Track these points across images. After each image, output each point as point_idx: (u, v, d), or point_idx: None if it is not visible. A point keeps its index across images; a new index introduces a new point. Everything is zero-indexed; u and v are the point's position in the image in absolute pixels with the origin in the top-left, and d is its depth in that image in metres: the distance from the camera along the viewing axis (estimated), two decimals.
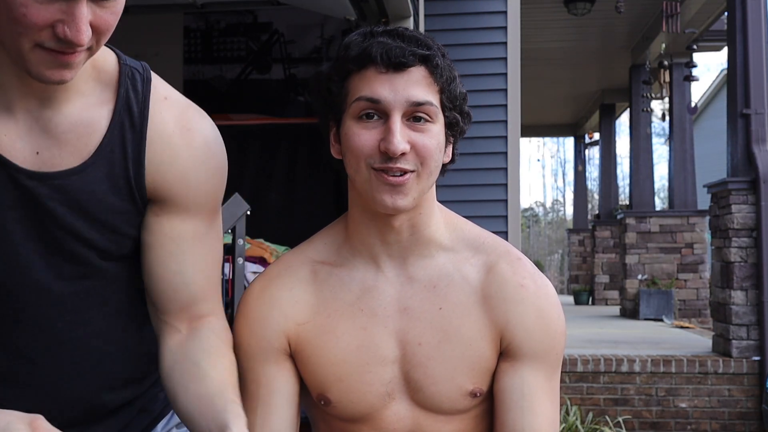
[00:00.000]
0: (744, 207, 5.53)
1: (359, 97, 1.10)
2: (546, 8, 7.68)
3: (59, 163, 1.00)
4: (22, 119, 0.99)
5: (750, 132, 5.61)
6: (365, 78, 1.10)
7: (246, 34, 4.98)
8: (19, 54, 0.92)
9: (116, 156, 1.03)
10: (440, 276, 1.18)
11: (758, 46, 5.67)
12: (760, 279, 5.45)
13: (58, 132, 1.00)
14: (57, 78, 0.94)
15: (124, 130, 1.04)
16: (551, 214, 29.18)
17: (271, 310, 1.19)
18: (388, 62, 1.08)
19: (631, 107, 9.59)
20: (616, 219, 9.84)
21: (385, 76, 1.09)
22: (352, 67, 1.11)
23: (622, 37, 8.84)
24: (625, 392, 5.54)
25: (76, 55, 0.93)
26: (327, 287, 1.19)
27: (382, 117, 1.10)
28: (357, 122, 1.11)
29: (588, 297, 11.36)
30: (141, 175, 1.05)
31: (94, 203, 1.02)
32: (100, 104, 1.03)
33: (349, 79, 1.12)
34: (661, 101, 10.04)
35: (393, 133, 1.08)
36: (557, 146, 28.92)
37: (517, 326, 1.16)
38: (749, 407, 5.47)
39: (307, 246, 1.25)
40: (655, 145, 19.32)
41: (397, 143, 1.07)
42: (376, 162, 1.10)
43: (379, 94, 1.09)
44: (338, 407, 1.18)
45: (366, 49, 1.10)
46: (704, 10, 7.43)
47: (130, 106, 1.04)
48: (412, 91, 1.09)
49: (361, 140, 1.10)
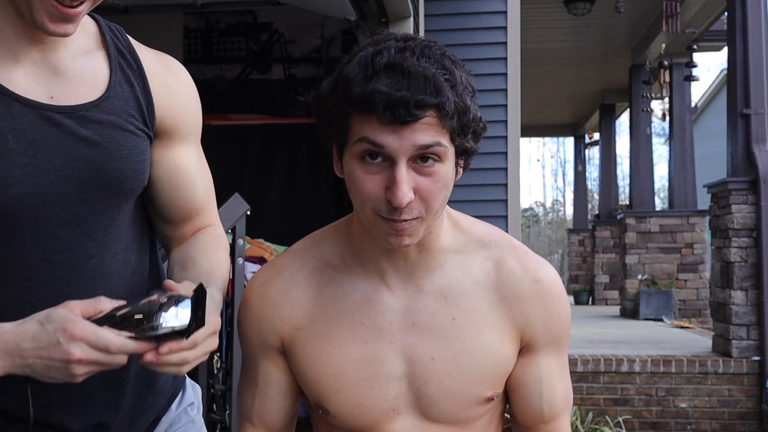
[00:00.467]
0: (744, 207, 5.53)
1: (362, 138, 1.02)
2: (546, 8, 7.68)
3: (76, 101, 1.09)
4: (30, 69, 1.07)
5: (750, 132, 5.61)
6: (369, 123, 1.01)
7: (246, 34, 4.98)
8: (29, 4, 1.00)
9: (126, 91, 1.14)
10: (450, 285, 1.15)
11: (758, 46, 5.68)
12: (760, 279, 5.45)
13: (67, 76, 1.10)
14: (61, 31, 1.03)
15: (124, 69, 1.15)
16: (551, 214, 29.19)
17: (269, 309, 1.18)
18: (392, 118, 0.99)
19: (631, 107, 9.59)
20: (616, 219, 9.84)
21: (390, 127, 1.00)
22: (351, 111, 1.02)
23: (622, 37, 8.84)
24: (625, 392, 5.54)
25: (80, 6, 1.02)
26: (327, 293, 1.16)
27: (386, 160, 1.02)
28: (360, 163, 1.04)
29: (588, 297, 11.36)
30: (151, 104, 1.17)
31: (120, 127, 1.12)
32: (93, 51, 1.13)
33: (349, 117, 1.04)
34: (661, 101, 10.04)
35: (398, 185, 1.01)
36: (557, 146, 28.92)
37: (537, 322, 1.16)
38: (749, 407, 5.47)
39: (312, 244, 1.21)
40: (655, 145, 19.32)
41: (402, 196, 1.01)
42: (383, 212, 1.04)
43: (383, 140, 1.00)
44: (337, 418, 1.16)
45: (367, 96, 0.99)
46: (704, 10, 7.43)
47: (121, 51, 1.16)
48: (419, 136, 1.00)
49: (366, 187, 1.03)
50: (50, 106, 1.07)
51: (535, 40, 8.32)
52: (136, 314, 0.97)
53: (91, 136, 1.10)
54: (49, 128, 1.07)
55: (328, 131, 1.09)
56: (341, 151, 1.08)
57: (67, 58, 1.10)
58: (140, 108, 1.15)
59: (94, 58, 1.13)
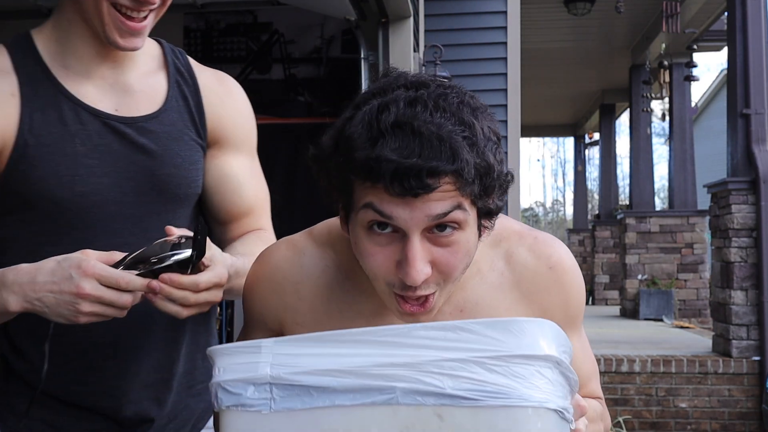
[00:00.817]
0: (744, 207, 5.53)
1: (367, 204, 0.90)
2: (546, 8, 7.69)
3: (137, 113, 1.23)
4: (99, 83, 1.22)
5: (750, 132, 5.61)
6: (375, 191, 0.89)
7: (246, 34, 4.97)
8: (98, 16, 1.14)
9: (181, 105, 1.27)
10: (466, 297, 1.07)
11: (758, 46, 5.68)
12: (760, 279, 5.45)
13: (131, 90, 1.24)
14: (130, 45, 1.17)
15: (180, 86, 1.28)
16: (551, 214, 29.19)
17: (272, 295, 1.11)
18: (401, 190, 0.87)
19: (631, 107, 9.59)
20: (616, 219, 9.84)
21: (400, 198, 0.88)
22: (355, 178, 0.90)
23: (622, 37, 8.84)
24: (625, 392, 5.54)
25: (144, 21, 1.16)
26: (336, 298, 1.09)
27: (397, 231, 0.91)
28: (367, 234, 0.93)
29: (588, 297, 11.37)
30: (203, 116, 1.29)
31: (173, 140, 1.25)
32: (155, 71, 1.28)
33: (352, 183, 0.92)
34: (661, 101, 10.04)
35: (411, 263, 0.90)
36: (557, 146, 28.93)
37: (555, 309, 1.11)
38: (749, 407, 5.47)
39: (333, 239, 1.10)
40: (655, 145, 19.31)
41: (416, 275, 0.90)
42: (396, 287, 0.94)
43: (392, 212, 0.89)
44: None
45: (372, 165, 0.87)
46: (704, 10, 7.43)
47: (179, 69, 1.30)
48: (434, 206, 0.89)
49: (376, 261, 0.93)
50: (114, 116, 1.21)
51: (535, 40, 8.32)
52: (146, 256, 1.05)
53: (148, 145, 1.22)
54: (112, 135, 1.20)
55: (330, 192, 0.98)
56: (347, 214, 0.97)
57: (132, 77, 1.24)
58: (194, 120, 1.28)
59: (156, 77, 1.27)
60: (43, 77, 1.19)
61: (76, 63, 1.21)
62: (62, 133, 1.17)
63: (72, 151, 1.17)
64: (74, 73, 1.20)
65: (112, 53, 1.21)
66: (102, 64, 1.22)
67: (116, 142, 1.20)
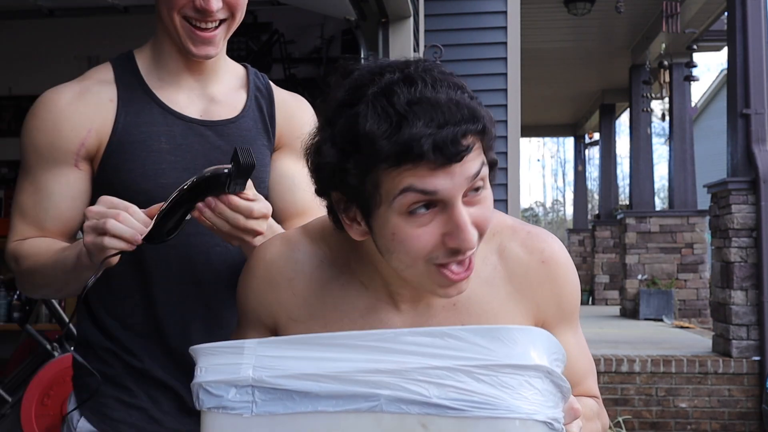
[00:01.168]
0: (744, 207, 5.53)
1: (408, 188, 0.90)
2: (546, 8, 7.69)
3: (218, 117, 1.39)
4: (187, 92, 1.39)
5: (750, 132, 5.61)
6: (410, 172, 0.90)
7: (246, 34, 4.97)
8: (174, 29, 1.31)
9: (257, 115, 1.43)
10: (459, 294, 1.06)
11: (758, 46, 5.68)
12: (760, 279, 5.45)
13: (215, 100, 1.41)
14: (203, 53, 1.33)
15: (258, 99, 1.45)
16: (551, 214, 29.19)
17: (267, 290, 1.12)
18: (443, 159, 0.89)
19: (631, 107, 9.60)
20: (616, 219, 9.84)
21: (441, 168, 0.90)
22: (389, 167, 0.90)
23: (622, 37, 8.84)
24: (625, 392, 5.54)
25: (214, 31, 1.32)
26: (331, 294, 1.09)
27: (438, 205, 0.92)
28: (406, 219, 0.92)
29: (588, 297, 11.36)
30: (274, 126, 1.45)
31: (247, 143, 1.38)
32: (238, 88, 1.45)
33: (380, 175, 0.91)
34: (661, 101, 10.04)
35: (464, 229, 0.92)
36: (557, 146, 28.91)
37: (548, 304, 1.11)
38: (749, 407, 5.47)
39: (321, 234, 1.12)
40: (655, 145, 19.31)
41: (472, 238, 0.93)
42: (440, 258, 0.95)
43: (435, 185, 0.90)
44: None
45: (409, 145, 0.88)
46: (704, 10, 7.43)
47: (259, 87, 1.47)
48: (468, 168, 0.92)
49: (420, 242, 0.93)
50: (197, 120, 1.38)
51: (535, 40, 8.32)
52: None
53: (225, 146, 1.37)
54: (193, 137, 1.36)
55: (340, 203, 0.99)
56: (368, 213, 0.96)
57: (216, 89, 1.41)
58: (266, 129, 1.44)
59: (238, 92, 1.44)
60: (138, 87, 1.37)
61: (167, 76, 1.38)
62: (150, 132, 1.34)
63: (157, 148, 1.33)
64: (167, 84, 1.38)
65: (198, 67, 1.38)
66: (190, 76, 1.39)
67: (197, 142, 1.36)
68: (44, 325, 4.06)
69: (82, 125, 1.32)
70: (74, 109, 1.33)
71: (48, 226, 1.34)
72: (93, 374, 1.32)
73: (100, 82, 1.37)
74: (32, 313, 4.18)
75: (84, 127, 1.32)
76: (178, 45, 1.34)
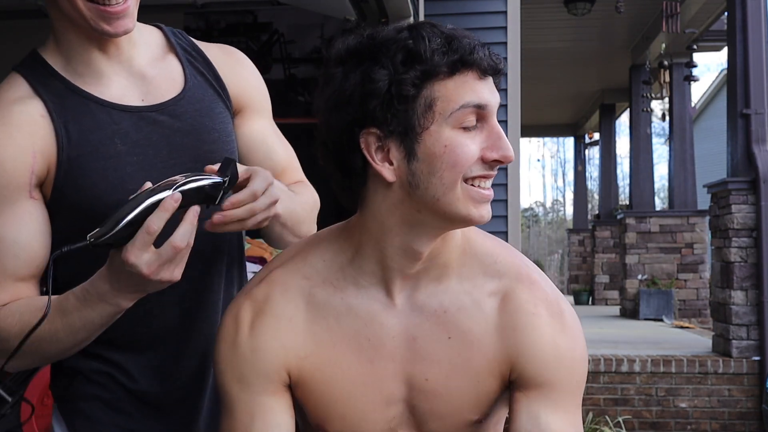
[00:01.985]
0: (744, 207, 5.53)
1: (466, 104, 1.00)
2: (546, 8, 7.69)
3: (163, 99, 1.24)
4: (116, 81, 1.22)
5: (750, 132, 5.61)
6: (465, 83, 1.01)
7: (246, 34, 4.97)
8: (79, 16, 1.14)
9: (200, 81, 1.29)
10: (451, 301, 1.09)
11: (758, 46, 5.68)
12: (760, 279, 5.45)
13: (148, 78, 1.25)
14: (121, 29, 1.16)
15: (192, 62, 1.30)
16: (551, 214, 29.19)
17: (270, 341, 1.08)
18: (492, 69, 1.03)
19: (631, 107, 9.60)
20: (616, 219, 9.84)
21: (484, 81, 1.02)
22: (445, 71, 1.00)
23: (622, 37, 8.84)
24: (625, 392, 5.54)
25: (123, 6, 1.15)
26: (330, 313, 1.08)
27: (480, 121, 1.03)
28: (460, 133, 1.01)
29: (588, 297, 11.37)
30: (224, 87, 1.31)
31: (205, 113, 1.27)
32: (164, 56, 1.28)
33: (432, 85, 1.00)
34: (661, 101, 10.04)
35: (503, 138, 1.02)
36: (557, 146, 28.90)
37: (530, 357, 1.08)
38: (749, 407, 5.47)
39: (302, 263, 1.11)
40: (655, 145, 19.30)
41: (510, 147, 1.03)
42: (475, 170, 1.02)
43: (486, 99, 1.02)
44: None
45: (464, 54, 1.00)
46: (704, 10, 7.43)
47: (186, 49, 1.31)
48: (496, 93, 1.05)
49: (469, 150, 1.01)
50: (143, 107, 1.22)
51: (535, 40, 8.32)
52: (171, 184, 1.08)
53: (184, 127, 1.24)
54: (147, 127, 1.22)
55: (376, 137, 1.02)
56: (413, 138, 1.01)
57: (145, 65, 1.25)
58: (217, 92, 1.30)
59: (167, 60, 1.28)
60: (64, 89, 1.20)
61: (84, 68, 1.21)
62: (100, 138, 1.19)
63: (114, 152, 1.19)
64: (89, 77, 1.21)
65: (113, 47, 1.21)
66: (108, 60, 1.22)
67: (154, 132, 1.22)
68: None
69: (24, 150, 1.14)
70: (6, 137, 1.14)
71: (23, 273, 1.16)
72: (90, 399, 1.24)
73: (19, 100, 1.18)
74: None
75: (26, 152, 1.14)
76: (87, 31, 1.18)
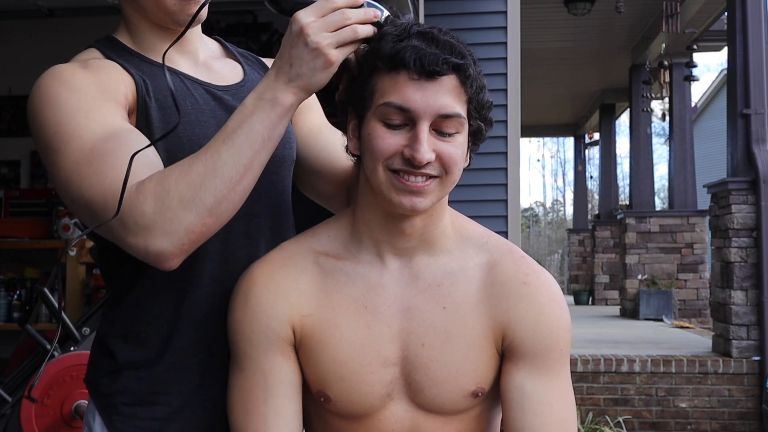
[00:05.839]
0: (744, 207, 5.53)
1: (388, 102, 1.06)
2: (546, 8, 7.69)
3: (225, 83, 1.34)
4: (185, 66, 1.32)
5: (750, 132, 5.61)
6: (396, 82, 1.06)
7: (246, 34, 4.97)
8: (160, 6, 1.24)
9: (258, 76, 1.39)
10: (444, 274, 1.17)
11: (758, 46, 5.68)
12: (760, 279, 5.45)
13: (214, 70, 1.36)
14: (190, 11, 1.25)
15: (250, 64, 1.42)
16: (551, 214, 29.19)
17: (277, 299, 1.16)
18: (420, 69, 1.04)
19: (631, 107, 9.60)
20: (616, 219, 9.84)
21: (417, 83, 1.05)
22: (382, 66, 1.07)
23: (622, 37, 8.84)
24: (625, 392, 5.54)
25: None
26: (332, 280, 1.17)
27: (409, 124, 1.07)
28: (382, 126, 1.08)
29: (588, 297, 11.37)
30: None
31: None
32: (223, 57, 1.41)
33: (377, 76, 1.08)
34: (661, 101, 10.05)
35: (420, 141, 1.05)
36: (557, 146, 28.93)
37: (519, 324, 1.14)
38: (749, 407, 5.47)
39: (310, 237, 1.22)
40: (655, 145, 19.32)
41: (423, 152, 1.05)
42: (396, 164, 1.07)
43: (410, 102, 1.05)
44: (338, 405, 1.17)
45: (399, 52, 1.05)
46: (704, 10, 7.43)
47: (242, 54, 1.44)
48: (441, 100, 1.06)
49: (384, 143, 1.07)
50: (213, 84, 1.32)
51: (535, 40, 8.33)
52: None
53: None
54: (213, 101, 1.30)
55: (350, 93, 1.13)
56: (361, 118, 1.11)
57: (208, 60, 1.37)
58: None
59: (226, 61, 1.40)
60: (137, 59, 1.28)
61: (154, 55, 1.29)
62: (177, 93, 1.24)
63: (184, 112, 1.24)
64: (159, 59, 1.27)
65: (181, 43, 1.30)
66: (176, 51, 1.30)
67: (218, 108, 1.30)
68: (44, 325, 4.06)
69: (116, 80, 1.20)
70: (102, 68, 1.21)
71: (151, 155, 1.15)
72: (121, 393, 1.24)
73: (97, 59, 1.25)
74: (32, 313, 4.18)
75: (118, 81, 1.20)
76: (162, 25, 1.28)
